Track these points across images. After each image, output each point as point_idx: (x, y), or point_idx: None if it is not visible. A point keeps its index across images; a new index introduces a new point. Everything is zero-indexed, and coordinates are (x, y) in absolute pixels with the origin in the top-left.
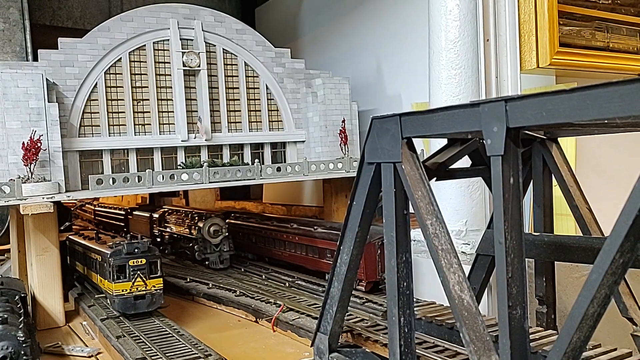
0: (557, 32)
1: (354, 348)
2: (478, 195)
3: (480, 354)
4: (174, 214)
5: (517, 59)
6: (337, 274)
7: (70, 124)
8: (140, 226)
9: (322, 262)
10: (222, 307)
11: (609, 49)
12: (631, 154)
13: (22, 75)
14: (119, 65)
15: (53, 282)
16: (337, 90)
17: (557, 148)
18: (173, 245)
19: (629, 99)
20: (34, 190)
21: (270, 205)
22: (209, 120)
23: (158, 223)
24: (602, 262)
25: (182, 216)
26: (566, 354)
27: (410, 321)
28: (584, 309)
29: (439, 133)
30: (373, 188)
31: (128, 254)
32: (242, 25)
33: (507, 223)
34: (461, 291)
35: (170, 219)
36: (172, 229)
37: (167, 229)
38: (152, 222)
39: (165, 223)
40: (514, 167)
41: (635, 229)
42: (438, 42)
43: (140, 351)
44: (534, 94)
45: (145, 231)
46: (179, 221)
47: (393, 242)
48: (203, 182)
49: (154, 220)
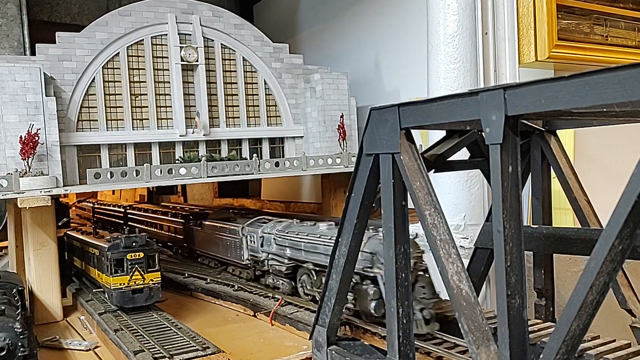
0: (556, 25)
1: (353, 341)
2: (476, 190)
3: (479, 343)
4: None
5: (516, 53)
6: (335, 266)
7: (68, 118)
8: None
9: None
10: (220, 302)
11: (607, 42)
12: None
13: (20, 69)
14: (116, 59)
15: (51, 276)
16: (335, 86)
17: (555, 140)
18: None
19: (627, 84)
20: (32, 184)
21: (269, 203)
22: (207, 115)
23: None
24: (601, 249)
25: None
26: (565, 342)
27: (408, 312)
28: (583, 296)
29: (438, 123)
30: (371, 179)
31: (126, 247)
32: (240, 20)
33: (506, 212)
34: (460, 281)
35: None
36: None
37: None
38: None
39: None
40: (513, 155)
41: (634, 215)
42: (436, 36)
43: (138, 344)
44: (532, 81)
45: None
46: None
47: (391, 233)
48: (201, 176)
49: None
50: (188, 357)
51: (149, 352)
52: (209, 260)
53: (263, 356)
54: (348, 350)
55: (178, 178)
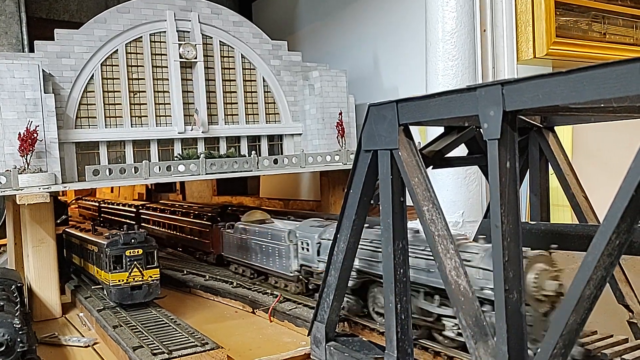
0: (554, 22)
1: (351, 337)
2: (475, 187)
3: (477, 338)
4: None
5: (514, 50)
6: (334, 262)
7: (66, 115)
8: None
9: None
10: (219, 299)
11: (606, 40)
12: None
13: (18, 66)
14: (115, 57)
15: (49, 273)
16: (334, 83)
17: (553, 137)
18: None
19: (625, 79)
20: (30, 181)
21: (268, 200)
22: (205, 113)
23: None
24: (598, 244)
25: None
26: (562, 336)
27: (407, 308)
28: (580, 290)
29: (436, 119)
30: (370, 175)
31: (125, 244)
32: (239, 18)
33: (504, 207)
34: (457, 276)
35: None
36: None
37: None
38: None
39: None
40: (511, 150)
41: (632, 209)
42: (435, 34)
43: (137, 340)
44: (530, 76)
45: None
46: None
47: (390, 229)
48: (200, 173)
49: None
50: (187, 353)
51: (147, 348)
52: (243, 269)
53: (262, 352)
54: (346, 346)
55: (177, 175)
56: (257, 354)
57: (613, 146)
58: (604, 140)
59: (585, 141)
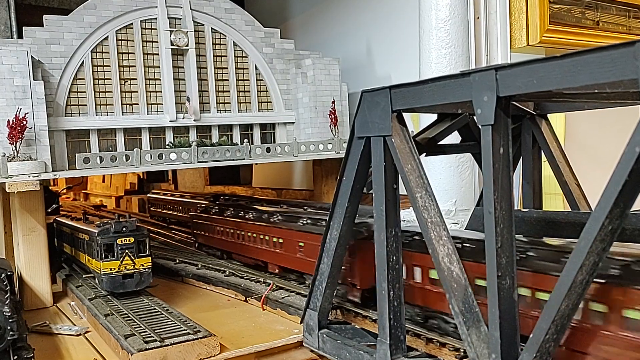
0: (548, 10)
1: (344, 324)
2: (467, 175)
3: (469, 324)
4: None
5: (508, 37)
6: (326, 249)
7: (56, 102)
8: None
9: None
10: (211, 287)
11: (599, 27)
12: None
13: (7, 52)
14: (105, 43)
15: (40, 262)
16: (327, 71)
17: (546, 124)
18: None
19: (619, 63)
20: (20, 169)
21: (260, 190)
22: (197, 101)
23: None
24: (591, 229)
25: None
26: (554, 322)
27: (399, 295)
28: (573, 276)
29: (430, 105)
30: (363, 162)
31: (116, 232)
32: (230, 5)
33: (497, 193)
34: (450, 263)
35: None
36: None
37: None
38: None
39: None
40: (504, 136)
41: (624, 195)
42: (428, 21)
43: (129, 328)
44: (524, 61)
45: None
46: None
47: (382, 216)
48: (192, 161)
49: None
50: (179, 341)
51: (139, 336)
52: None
53: (254, 340)
54: (339, 334)
55: (168, 163)
56: (250, 341)
57: (605, 135)
58: (596, 129)
59: (578, 129)
